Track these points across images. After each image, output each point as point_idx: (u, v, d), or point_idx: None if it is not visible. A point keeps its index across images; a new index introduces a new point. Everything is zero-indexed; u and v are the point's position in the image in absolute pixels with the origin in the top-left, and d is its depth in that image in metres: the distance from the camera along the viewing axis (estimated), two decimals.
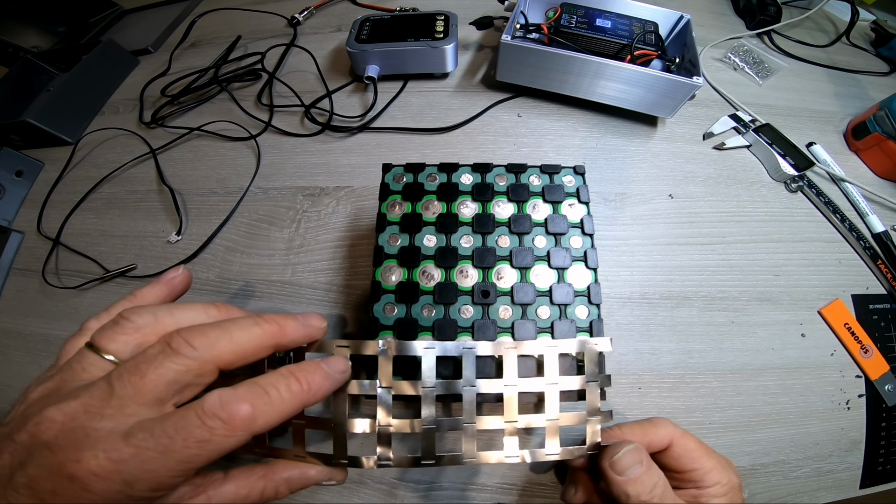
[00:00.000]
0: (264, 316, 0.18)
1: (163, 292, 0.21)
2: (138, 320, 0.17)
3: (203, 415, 0.15)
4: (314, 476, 0.20)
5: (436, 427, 0.20)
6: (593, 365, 0.22)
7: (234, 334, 0.17)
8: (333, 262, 0.38)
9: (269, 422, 0.16)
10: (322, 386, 0.18)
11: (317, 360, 0.18)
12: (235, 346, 0.17)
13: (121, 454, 0.14)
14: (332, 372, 0.18)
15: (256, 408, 0.15)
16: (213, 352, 0.16)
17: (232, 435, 0.15)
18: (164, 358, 0.15)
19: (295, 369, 0.17)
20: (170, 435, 0.14)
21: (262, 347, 0.18)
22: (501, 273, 0.26)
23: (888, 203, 0.41)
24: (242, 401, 0.15)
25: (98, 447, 0.14)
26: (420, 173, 0.29)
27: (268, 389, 0.16)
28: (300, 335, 0.19)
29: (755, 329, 0.35)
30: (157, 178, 0.44)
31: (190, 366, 0.16)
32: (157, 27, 0.61)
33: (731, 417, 0.32)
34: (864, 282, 0.37)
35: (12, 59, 0.56)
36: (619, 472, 0.21)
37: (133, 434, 0.14)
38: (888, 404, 0.33)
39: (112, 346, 0.17)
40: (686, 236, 0.39)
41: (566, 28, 0.44)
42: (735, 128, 0.45)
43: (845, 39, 0.56)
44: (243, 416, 0.15)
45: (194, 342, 0.16)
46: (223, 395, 0.15)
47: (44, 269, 0.40)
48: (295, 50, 0.54)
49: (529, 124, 0.46)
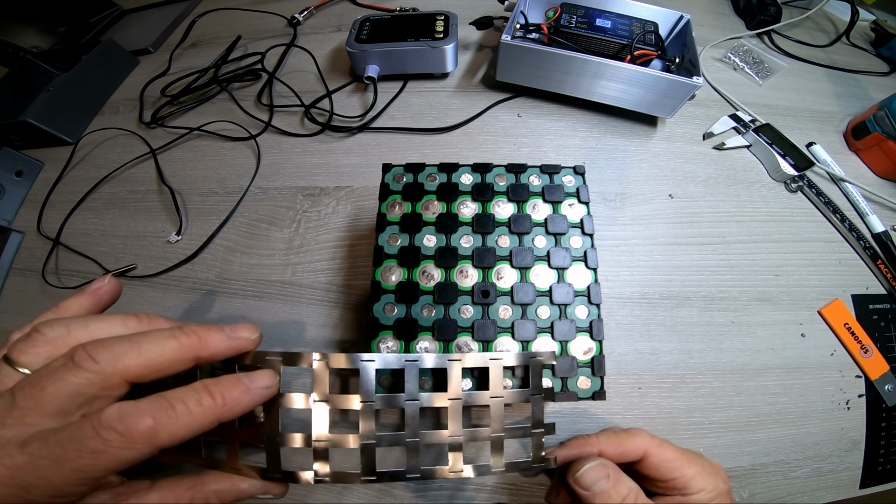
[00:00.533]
0: (186, 328, 0.18)
1: (87, 303, 0.21)
2: (49, 333, 0.17)
3: (99, 426, 0.15)
4: (246, 489, 0.19)
5: (375, 442, 0.19)
6: (537, 378, 0.22)
7: (143, 347, 0.17)
8: (333, 262, 0.38)
9: (174, 436, 0.16)
10: (240, 401, 0.17)
11: (238, 375, 0.18)
12: (144, 359, 0.17)
13: (15, 461, 0.14)
14: (254, 387, 0.18)
15: (159, 421, 0.15)
16: (118, 365, 0.16)
17: (130, 447, 0.15)
18: (64, 371, 0.16)
19: (210, 383, 0.17)
20: (63, 444, 0.14)
21: (178, 360, 0.17)
22: (501, 273, 0.26)
23: (888, 203, 0.41)
24: (143, 414, 0.15)
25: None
26: (420, 173, 0.29)
27: (174, 403, 0.16)
28: (224, 347, 0.19)
29: (755, 329, 0.35)
30: (157, 178, 0.45)
31: (92, 379, 0.16)
32: (157, 27, 0.61)
33: (731, 417, 0.32)
34: (864, 282, 0.37)
35: (12, 59, 0.56)
36: (585, 488, 0.21)
37: (28, 443, 0.15)
38: (888, 404, 0.33)
39: (23, 358, 0.17)
40: (686, 236, 0.39)
41: (566, 28, 0.44)
42: (735, 128, 0.45)
43: (845, 39, 0.56)
44: (142, 429, 0.15)
45: (97, 356, 0.16)
46: (123, 407, 0.15)
47: (44, 269, 0.40)
48: (295, 50, 0.54)
49: (529, 124, 0.46)
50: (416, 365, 0.20)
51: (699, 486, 0.22)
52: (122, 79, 0.55)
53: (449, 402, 0.20)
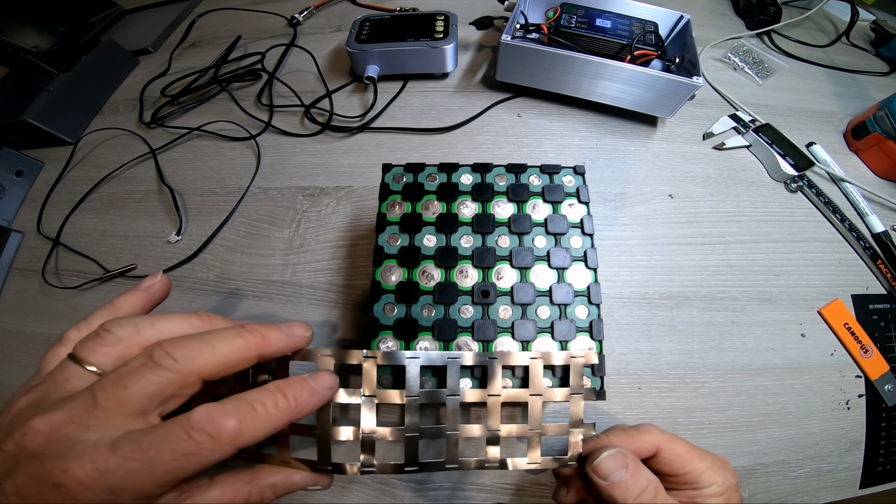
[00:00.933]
0: (248, 326, 0.18)
1: (141, 300, 0.21)
2: (119, 332, 0.17)
3: (190, 429, 0.15)
4: (299, 481, 0.20)
5: (419, 434, 0.20)
6: (578, 378, 0.22)
7: (216, 346, 0.17)
8: (333, 262, 0.38)
9: (255, 436, 0.16)
10: (309, 402, 0.18)
11: (304, 377, 0.18)
12: (218, 357, 0.17)
13: (107, 464, 0.14)
14: (319, 388, 0.19)
15: (243, 423, 0.16)
16: (196, 364, 0.16)
17: (218, 449, 0.15)
18: (145, 370, 0.16)
19: (283, 385, 0.18)
20: (157, 448, 0.14)
21: (246, 358, 0.18)
22: (501, 273, 0.26)
23: (888, 203, 0.41)
24: (230, 416, 0.16)
25: (84, 457, 0.14)
26: (420, 173, 0.29)
27: (255, 405, 0.16)
28: (284, 345, 0.19)
29: (755, 329, 0.35)
30: (157, 178, 0.45)
31: (172, 378, 0.16)
32: (157, 27, 0.61)
33: (731, 417, 0.32)
34: (864, 282, 0.37)
35: (12, 59, 0.56)
36: (603, 477, 0.21)
37: (119, 445, 0.14)
38: (888, 404, 0.33)
39: (94, 357, 0.17)
40: (686, 236, 0.39)
41: (566, 28, 0.44)
42: (735, 128, 0.45)
43: (845, 39, 0.56)
44: (230, 431, 0.15)
45: (176, 354, 0.16)
46: (211, 410, 0.15)
47: (44, 269, 0.40)
48: (295, 50, 0.54)
49: (529, 124, 0.46)
50: (458, 362, 0.21)
51: (710, 480, 0.22)
52: (122, 79, 0.55)
53: (489, 398, 0.21)
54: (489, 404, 0.21)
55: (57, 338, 0.19)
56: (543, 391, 0.22)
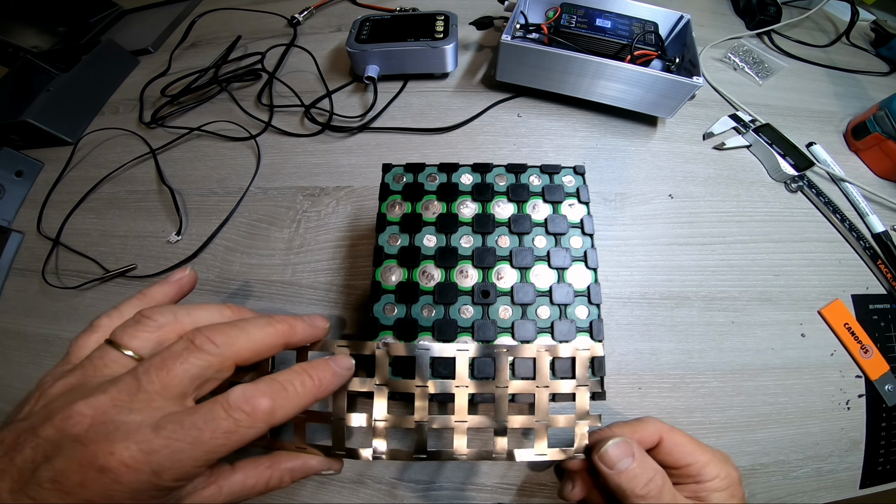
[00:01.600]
0: (276, 317, 0.20)
1: (172, 291, 0.23)
2: (160, 318, 0.18)
3: (229, 408, 0.16)
4: (315, 466, 0.21)
5: (427, 422, 0.21)
6: (584, 370, 0.23)
7: (251, 333, 0.18)
8: (333, 262, 0.38)
9: (287, 414, 0.17)
10: (331, 382, 0.19)
11: (326, 359, 0.20)
12: (252, 343, 0.18)
13: (152, 445, 0.15)
14: (340, 369, 0.20)
15: (276, 402, 0.17)
16: (233, 348, 0.17)
17: (254, 426, 0.16)
18: (188, 354, 0.17)
19: (308, 367, 0.19)
20: (199, 427, 0.15)
21: (275, 345, 0.19)
22: (501, 273, 0.26)
23: (888, 203, 0.41)
24: (264, 395, 0.17)
25: (130, 439, 0.14)
26: (420, 173, 0.29)
27: (285, 385, 0.18)
28: (307, 335, 0.20)
29: (755, 329, 0.35)
30: (157, 178, 0.44)
31: (212, 361, 0.17)
32: (157, 27, 0.61)
33: (731, 417, 0.32)
34: (864, 282, 0.37)
35: (12, 59, 0.56)
36: (610, 466, 0.21)
37: (163, 426, 0.15)
38: (888, 404, 0.33)
39: (134, 342, 0.18)
40: (686, 236, 0.39)
41: (566, 28, 0.44)
42: (735, 128, 0.45)
43: (845, 39, 0.56)
44: (265, 408, 0.16)
45: (216, 339, 0.17)
46: (247, 389, 0.16)
47: (44, 269, 0.40)
48: (295, 50, 0.54)
49: (529, 124, 0.46)
50: (467, 354, 0.22)
51: (713, 473, 0.22)
52: (122, 79, 0.55)
53: (497, 390, 0.22)
54: (497, 396, 0.22)
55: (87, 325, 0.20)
56: (550, 383, 0.22)
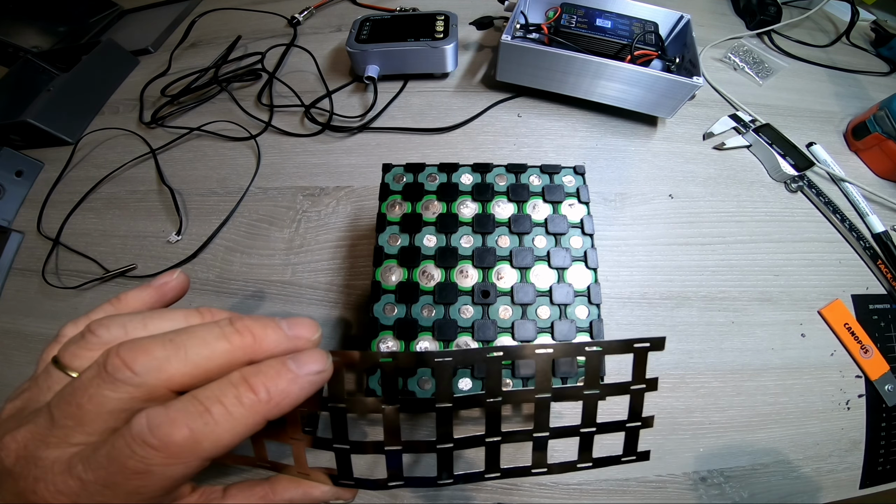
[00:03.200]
0: (238, 324, 0.15)
1: (151, 297, 0.19)
2: (105, 335, 0.15)
3: (132, 442, 0.12)
4: (319, 497, 0.17)
5: (452, 446, 0.17)
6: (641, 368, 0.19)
7: (189, 352, 0.14)
8: (333, 262, 0.38)
9: (218, 443, 0.13)
10: (288, 392, 0.14)
11: (283, 359, 0.15)
12: (191, 366, 0.14)
13: (68, 486, 0.12)
14: (303, 373, 0.14)
15: (196, 430, 0.13)
16: (161, 375, 0.13)
17: (173, 464, 0.12)
18: (100, 384, 0.13)
19: (250, 373, 0.14)
20: (104, 466, 0.12)
21: (230, 364, 0.14)
22: (501, 273, 0.26)
23: (888, 203, 0.41)
24: (175, 424, 0.12)
25: (47, 478, 0.13)
26: (420, 173, 0.29)
27: (209, 406, 0.13)
28: (281, 349, 0.15)
29: (755, 329, 0.35)
30: (157, 178, 0.44)
31: (133, 393, 0.13)
32: (157, 27, 0.61)
33: (731, 417, 0.32)
34: (864, 282, 0.37)
35: (12, 59, 0.56)
36: None
37: (73, 465, 0.13)
38: (888, 404, 0.33)
39: (77, 363, 0.15)
40: (686, 236, 0.39)
41: (566, 28, 0.44)
42: (735, 128, 0.45)
43: (845, 39, 0.56)
44: (179, 441, 0.12)
45: (135, 365, 0.13)
46: (151, 417, 0.12)
47: (44, 269, 0.40)
48: (295, 50, 0.54)
49: (529, 124, 0.46)
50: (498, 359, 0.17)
51: None
52: (122, 79, 0.55)
53: (536, 399, 0.18)
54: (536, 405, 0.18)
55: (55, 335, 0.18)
56: (601, 387, 0.19)
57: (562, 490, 0.30)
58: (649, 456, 0.19)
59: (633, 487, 0.30)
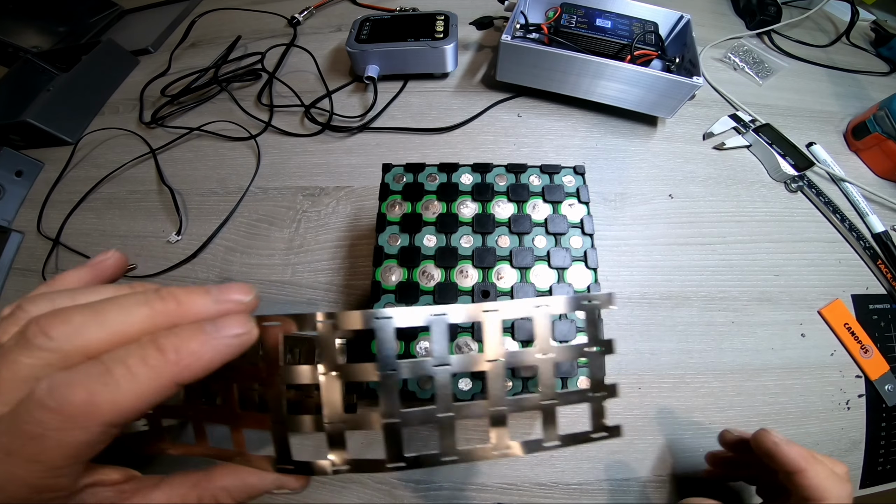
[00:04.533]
0: (162, 291, 0.14)
1: (87, 276, 0.18)
2: (33, 309, 0.14)
3: (31, 406, 0.12)
4: (255, 484, 0.16)
5: (401, 421, 0.15)
6: (593, 328, 0.17)
7: (108, 317, 0.13)
8: (333, 262, 0.38)
9: (119, 407, 0.12)
10: (200, 355, 0.13)
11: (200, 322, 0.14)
12: (107, 331, 0.13)
13: None
14: (220, 335, 0.14)
15: (95, 392, 0.12)
16: (77, 341, 0.13)
17: (69, 428, 0.12)
18: (17, 351, 0.13)
19: (161, 335, 0.13)
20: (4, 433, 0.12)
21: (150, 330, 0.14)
22: (501, 273, 0.26)
23: (888, 203, 0.41)
24: (73, 385, 0.12)
25: None
26: (420, 173, 0.29)
27: (112, 366, 0.12)
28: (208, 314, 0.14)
29: (755, 329, 0.35)
30: (157, 178, 0.44)
31: (49, 359, 0.13)
32: (157, 27, 0.61)
33: (731, 417, 0.32)
34: (864, 282, 0.37)
35: (12, 59, 0.56)
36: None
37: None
38: (888, 404, 0.33)
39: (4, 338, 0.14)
40: (686, 236, 0.39)
41: (566, 28, 0.44)
42: (735, 128, 0.45)
43: (845, 39, 0.56)
44: (77, 403, 0.12)
45: (52, 331, 0.13)
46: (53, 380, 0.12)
47: (44, 269, 0.40)
48: (295, 50, 0.54)
49: (529, 124, 0.46)
50: (444, 320, 0.16)
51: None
52: (122, 79, 0.55)
53: (488, 365, 0.16)
54: (489, 373, 0.16)
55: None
56: (553, 349, 0.17)
57: (562, 490, 0.30)
58: (621, 431, 0.17)
59: (633, 487, 0.30)
